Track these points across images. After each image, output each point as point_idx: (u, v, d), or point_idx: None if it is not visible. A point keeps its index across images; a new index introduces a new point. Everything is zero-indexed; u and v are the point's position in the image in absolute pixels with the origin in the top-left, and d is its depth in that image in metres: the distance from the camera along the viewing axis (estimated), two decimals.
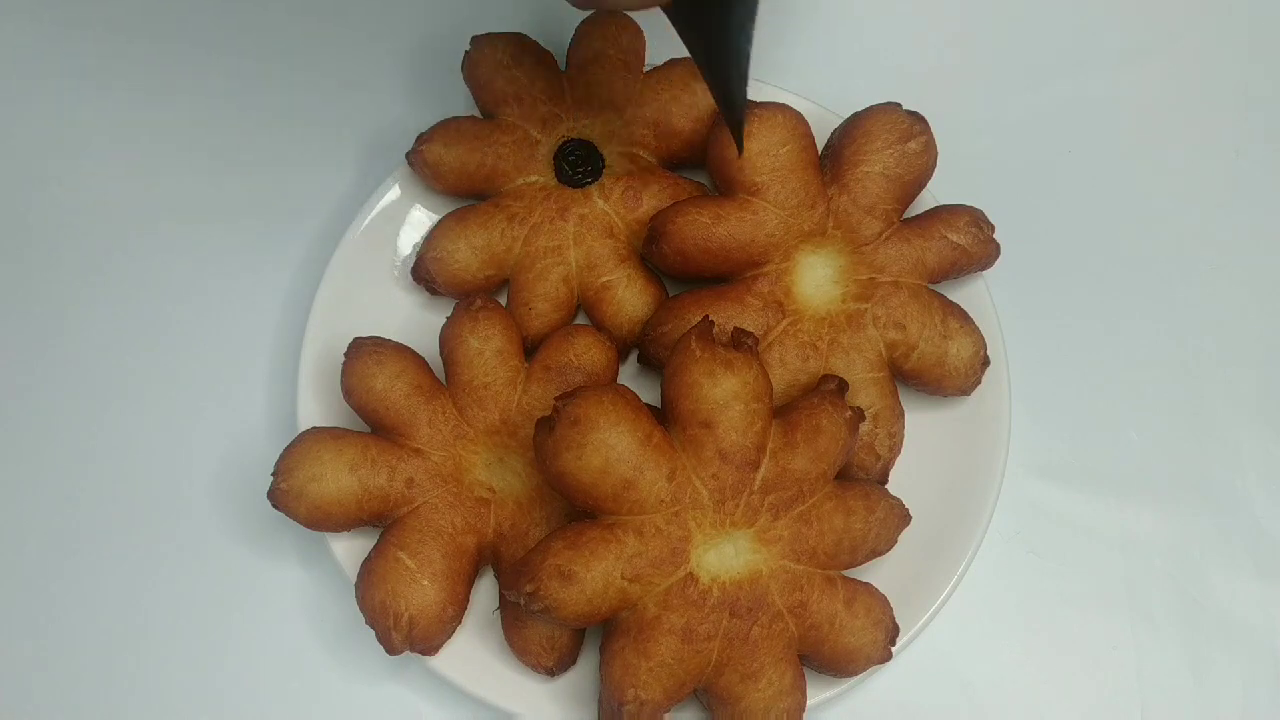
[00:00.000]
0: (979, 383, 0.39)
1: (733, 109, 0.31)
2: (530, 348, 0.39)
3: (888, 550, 0.36)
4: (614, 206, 0.41)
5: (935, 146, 0.40)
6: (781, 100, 0.40)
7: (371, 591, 0.35)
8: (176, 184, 0.45)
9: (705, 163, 0.41)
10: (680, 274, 0.40)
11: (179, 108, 0.47)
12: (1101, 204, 0.46)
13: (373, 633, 0.35)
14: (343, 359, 0.37)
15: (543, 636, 0.35)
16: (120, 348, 0.43)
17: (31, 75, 0.47)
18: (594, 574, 0.31)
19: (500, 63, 0.41)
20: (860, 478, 0.38)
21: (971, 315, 0.40)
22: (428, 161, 0.40)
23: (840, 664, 0.35)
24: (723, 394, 0.33)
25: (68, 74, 0.47)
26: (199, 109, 0.47)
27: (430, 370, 0.38)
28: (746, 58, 0.30)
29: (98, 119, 0.47)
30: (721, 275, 0.40)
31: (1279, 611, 0.40)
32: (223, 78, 0.47)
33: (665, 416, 0.34)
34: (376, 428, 0.37)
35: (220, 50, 0.48)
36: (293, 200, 0.45)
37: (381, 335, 0.38)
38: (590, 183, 0.41)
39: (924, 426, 0.40)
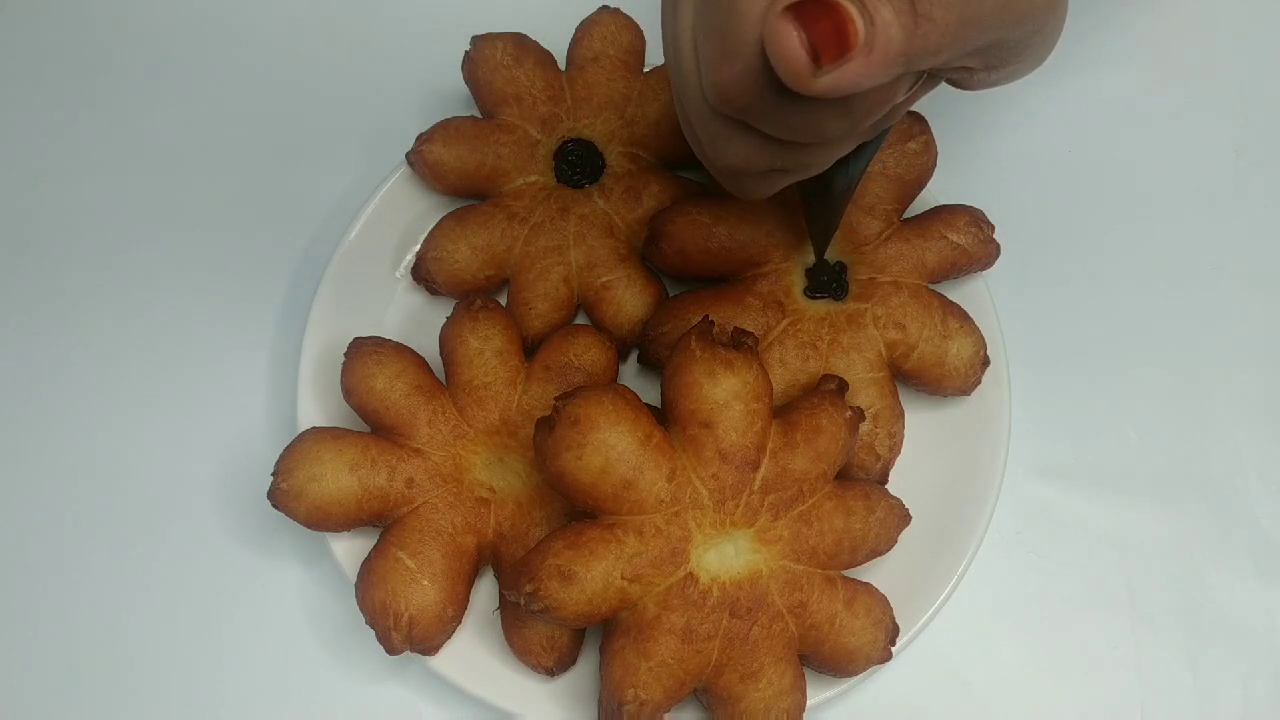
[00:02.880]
0: (979, 383, 0.39)
1: (824, 239, 0.37)
2: (530, 348, 0.39)
3: (888, 550, 0.36)
4: (614, 206, 0.41)
5: (935, 146, 0.40)
6: None
7: (371, 591, 0.35)
8: (176, 184, 0.45)
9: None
10: (680, 274, 0.40)
11: (179, 108, 0.47)
12: (1101, 204, 0.46)
13: (373, 633, 0.35)
14: (343, 359, 0.37)
15: (543, 636, 0.35)
16: (120, 348, 0.43)
17: (33, 75, 0.47)
18: (594, 574, 0.31)
19: (500, 63, 0.41)
20: (860, 478, 0.38)
21: (971, 315, 0.39)
22: (428, 161, 0.40)
23: (840, 664, 0.35)
24: (723, 394, 0.33)
25: (69, 74, 0.47)
26: (199, 109, 0.47)
27: (430, 370, 0.38)
28: (847, 202, 0.36)
29: (98, 119, 0.47)
30: (721, 275, 0.40)
31: (1279, 611, 0.40)
32: (222, 78, 0.47)
33: (665, 416, 0.34)
34: (376, 428, 0.37)
35: (220, 51, 0.48)
36: (293, 200, 0.45)
37: (381, 335, 0.38)
38: (590, 183, 0.41)
39: (924, 426, 0.39)
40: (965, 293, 0.41)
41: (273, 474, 0.35)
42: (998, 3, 0.24)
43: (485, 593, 0.38)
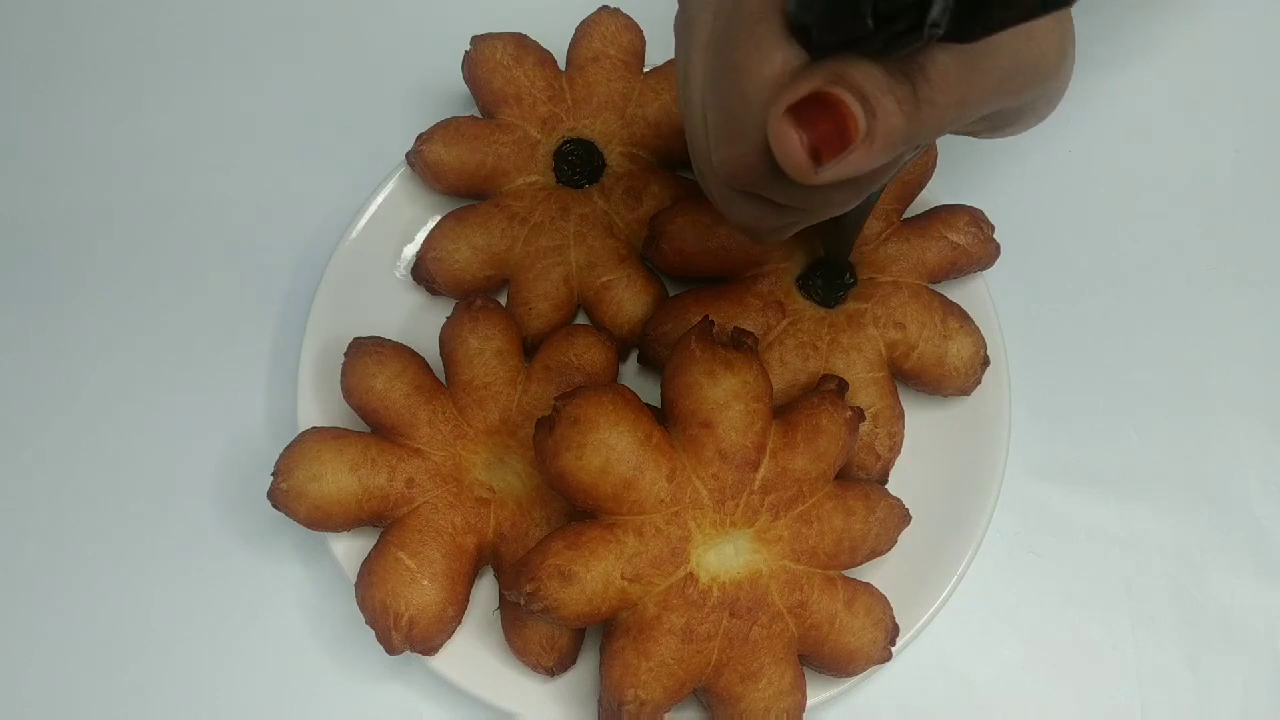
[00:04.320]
0: (979, 383, 0.39)
1: (841, 255, 0.38)
2: (530, 348, 0.39)
3: (888, 550, 0.36)
4: (614, 206, 0.41)
5: (935, 146, 0.40)
6: None
7: (371, 591, 0.35)
8: (176, 184, 0.45)
9: None
10: (680, 274, 0.40)
11: (179, 108, 0.47)
12: (1101, 204, 0.46)
13: (373, 633, 0.35)
14: (343, 359, 0.37)
15: (543, 636, 0.35)
16: (120, 348, 0.43)
17: (32, 75, 0.47)
18: (594, 574, 0.31)
19: (500, 63, 0.41)
20: (860, 478, 0.38)
21: (971, 315, 0.40)
22: (428, 161, 0.40)
23: (840, 664, 0.35)
24: (723, 394, 0.33)
25: (68, 74, 0.47)
26: (199, 110, 0.47)
27: (430, 370, 0.38)
28: (863, 222, 0.36)
29: (98, 119, 0.47)
30: (721, 275, 0.40)
31: (1279, 611, 0.40)
32: (222, 78, 0.47)
33: (665, 416, 0.34)
34: (376, 428, 0.37)
35: (219, 51, 0.48)
36: (293, 200, 0.45)
37: (381, 335, 0.38)
38: (590, 183, 0.41)
39: (924, 426, 0.39)
40: (965, 293, 0.41)
41: (273, 474, 0.35)
42: (998, 79, 0.24)
43: (485, 593, 0.38)
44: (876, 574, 0.37)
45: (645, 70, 0.43)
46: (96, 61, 0.48)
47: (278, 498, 0.35)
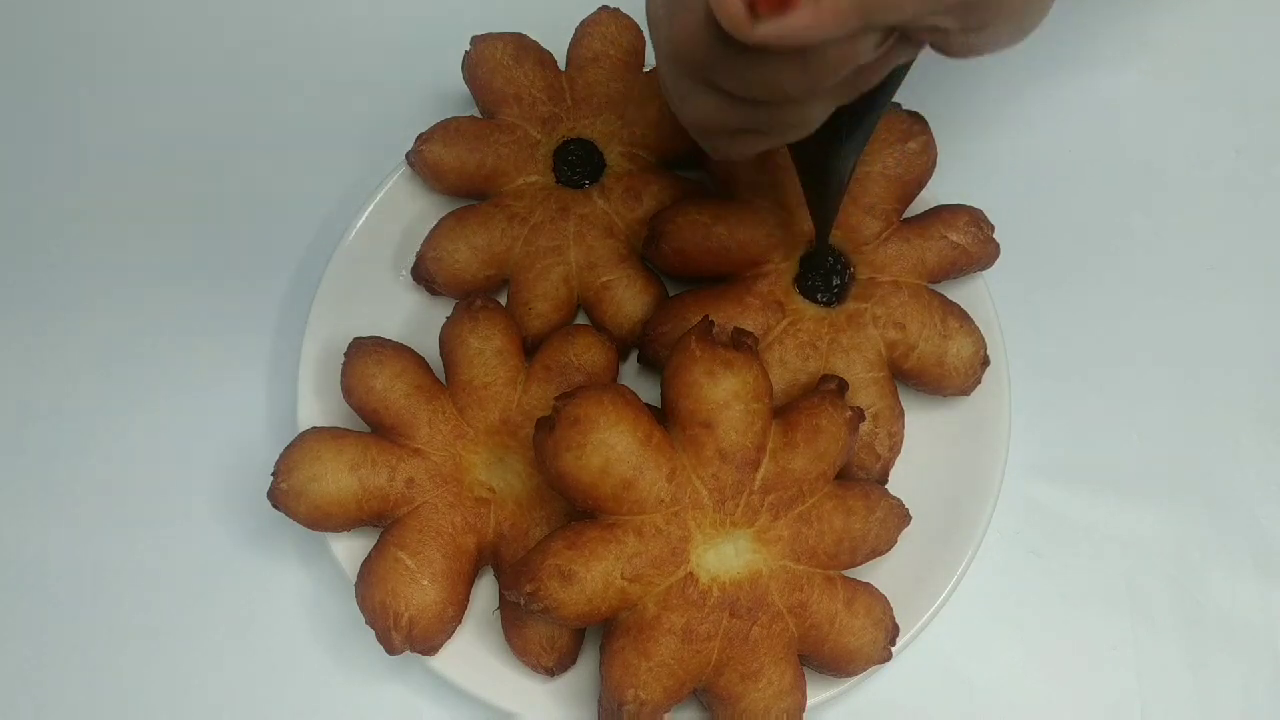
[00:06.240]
0: (979, 383, 0.39)
1: (825, 222, 0.36)
2: (530, 348, 0.39)
3: (888, 550, 0.36)
4: (614, 206, 0.41)
5: (935, 146, 0.40)
6: None
7: (371, 591, 0.35)
8: (177, 184, 0.46)
9: (705, 163, 0.41)
10: (680, 274, 0.40)
11: (179, 109, 0.47)
12: (1101, 204, 0.46)
13: (373, 633, 0.35)
14: (343, 359, 0.37)
15: (543, 636, 0.35)
16: (120, 348, 0.43)
17: (33, 75, 0.47)
18: (594, 574, 0.31)
19: (500, 63, 0.41)
20: (860, 478, 0.38)
21: (971, 315, 0.39)
22: (428, 161, 0.40)
23: (840, 664, 0.35)
24: (723, 394, 0.33)
25: (69, 74, 0.47)
26: (199, 110, 0.47)
27: (430, 370, 0.38)
28: (847, 182, 0.35)
29: (98, 119, 0.47)
30: (721, 275, 0.40)
31: (1279, 611, 0.40)
32: (221, 79, 0.47)
33: (665, 416, 0.34)
34: (376, 428, 0.37)
35: (220, 51, 0.48)
36: (293, 200, 0.45)
37: (381, 335, 0.38)
38: (590, 183, 0.41)
39: (924, 426, 0.39)
40: (965, 293, 0.41)
41: (273, 474, 0.35)
42: None
43: (485, 593, 0.38)
44: (876, 574, 0.37)
45: (645, 70, 0.43)
46: (96, 62, 0.48)
47: (278, 498, 0.35)
